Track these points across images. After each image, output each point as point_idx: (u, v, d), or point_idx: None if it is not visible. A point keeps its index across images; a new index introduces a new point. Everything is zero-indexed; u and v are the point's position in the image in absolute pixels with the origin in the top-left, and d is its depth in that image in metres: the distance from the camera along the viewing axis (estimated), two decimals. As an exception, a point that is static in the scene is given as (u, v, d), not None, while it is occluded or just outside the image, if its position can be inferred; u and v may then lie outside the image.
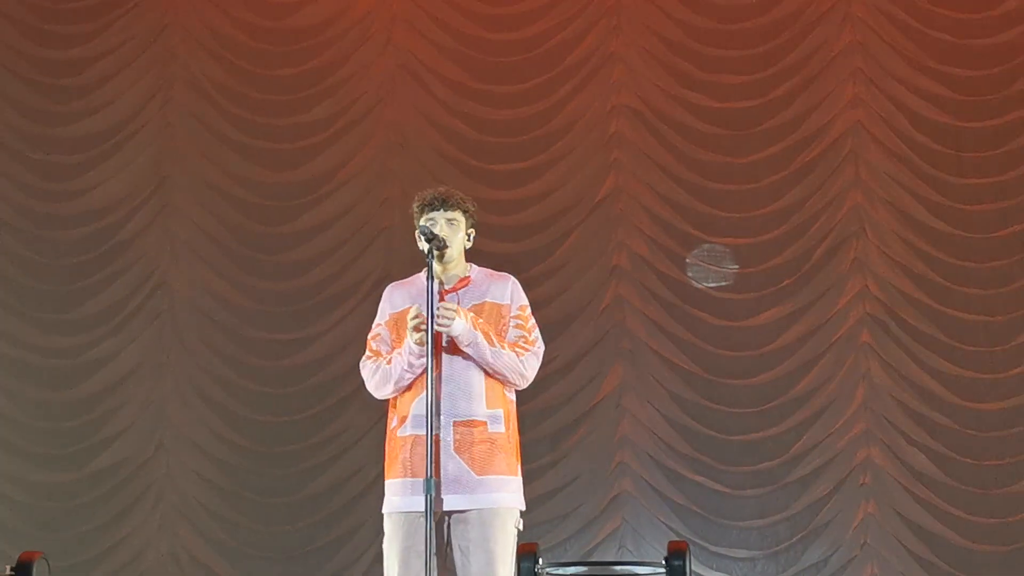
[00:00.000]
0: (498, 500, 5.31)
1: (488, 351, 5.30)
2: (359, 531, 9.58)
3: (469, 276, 5.52)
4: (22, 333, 10.13)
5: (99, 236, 10.21)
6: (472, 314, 5.34)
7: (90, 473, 9.92)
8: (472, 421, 5.32)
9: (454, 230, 5.46)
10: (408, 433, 5.37)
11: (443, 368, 5.35)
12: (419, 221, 5.46)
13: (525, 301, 5.54)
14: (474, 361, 5.35)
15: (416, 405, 5.34)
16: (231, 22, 10.38)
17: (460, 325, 5.25)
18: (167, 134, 10.32)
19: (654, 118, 9.96)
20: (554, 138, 10.01)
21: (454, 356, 5.37)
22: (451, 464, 5.27)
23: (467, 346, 5.29)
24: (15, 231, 10.25)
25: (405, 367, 5.33)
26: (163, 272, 10.15)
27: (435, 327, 5.21)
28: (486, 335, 5.31)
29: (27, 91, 10.40)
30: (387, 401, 5.50)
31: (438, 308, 5.23)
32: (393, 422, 5.45)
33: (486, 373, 5.38)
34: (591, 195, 9.92)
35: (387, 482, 5.42)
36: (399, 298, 5.53)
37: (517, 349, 5.39)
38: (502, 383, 5.42)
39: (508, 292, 5.51)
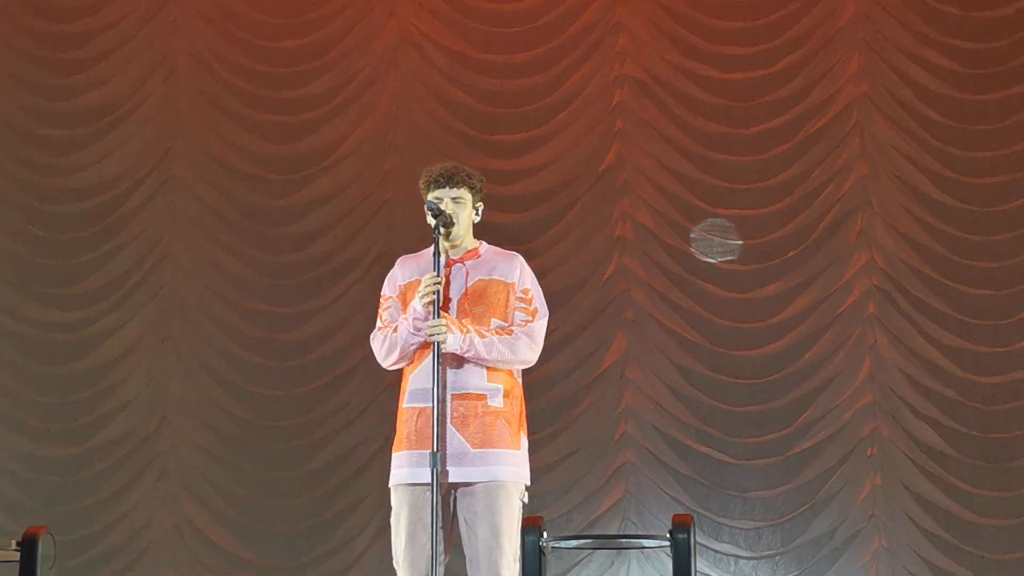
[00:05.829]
0: (500, 473, 5.31)
1: (483, 348, 5.32)
2: (362, 504, 9.58)
3: (478, 249, 5.51)
4: (25, 308, 10.12)
5: (101, 210, 10.19)
6: (454, 321, 5.32)
7: (94, 447, 9.93)
8: (472, 395, 5.32)
9: (460, 207, 5.46)
10: (409, 406, 5.38)
11: (446, 342, 5.34)
12: (426, 197, 5.46)
13: (529, 283, 5.52)
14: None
15: (415, 379, 5.36)
16: (233, -6, 10.36)
17: (453, 340, 5.26)
18: (169, 107, 10.29)
19: (658, 89, 9.92)
20: (557, 109, 9.97)
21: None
22: (452, 438, 5.28)
23: (466, 353, 5.30)
24: (17, 205, 10.22)
25: (411, 330, 5.33)
26: (166, 245, 10.14)
27: (431, 339, 5.24)
28: (477, 332, 5.31)
29: (29, 65, 10.36)
30: (396, 375, 5.51)
31: (428, 328, 5.22)
32: (402, 396, 5.48)
33: None
34: (595, 166, 9.89)
35: (393, 455, 5.43)
36: (408, 270, 5.54)
37: (504, 333, 5.37)
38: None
39: (515, 271, 5.50)
